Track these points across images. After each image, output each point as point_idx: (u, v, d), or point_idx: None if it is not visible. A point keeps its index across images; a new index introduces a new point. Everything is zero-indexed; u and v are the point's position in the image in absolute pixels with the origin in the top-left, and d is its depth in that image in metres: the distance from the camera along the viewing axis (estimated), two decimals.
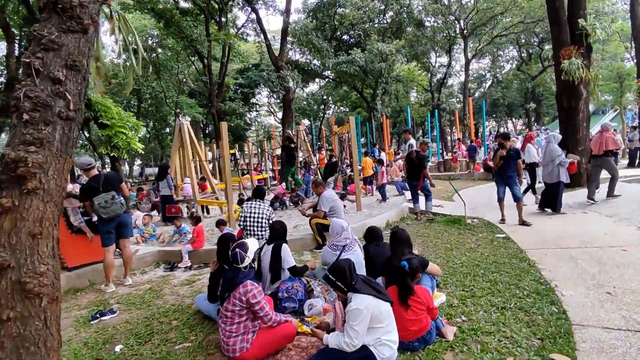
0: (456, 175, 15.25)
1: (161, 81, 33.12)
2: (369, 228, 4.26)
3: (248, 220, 5.45)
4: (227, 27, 22.76)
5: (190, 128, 9.05)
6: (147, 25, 29.55)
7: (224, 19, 23.35)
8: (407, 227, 6.90)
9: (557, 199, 7.07)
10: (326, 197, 5.75)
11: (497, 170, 6.88)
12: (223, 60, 26.61)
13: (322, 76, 26.42)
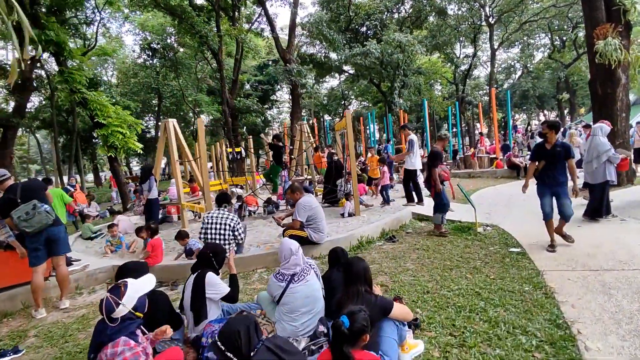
0: (477, 173, 14.01)
1: (179, 80, 33.13)
2: (332, 250, 3.40)
3: (209, 233, 4.70)
4: (241, 23, 22.16)
5: (177, 126, 8.39)
6: (164, 24, 29.44)
7: (237, 14, 22.80)
8: (406, 238, 5.96)
9: (603, 202, 5.91)
10: (303, 204, 4.91)
11: (538, 174, 4.96)
12: (237, 57, 26.16)
13: (339, 70, 25.40)
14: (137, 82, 35.05)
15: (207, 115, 41.48)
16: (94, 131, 15.18)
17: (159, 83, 33.47)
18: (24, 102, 19.08)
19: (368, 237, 5.67)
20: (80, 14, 25.36)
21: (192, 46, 29.07)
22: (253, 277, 4.68)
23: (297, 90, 16.76)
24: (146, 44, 32.15)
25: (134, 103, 32.28)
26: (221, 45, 20.81)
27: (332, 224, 6.92)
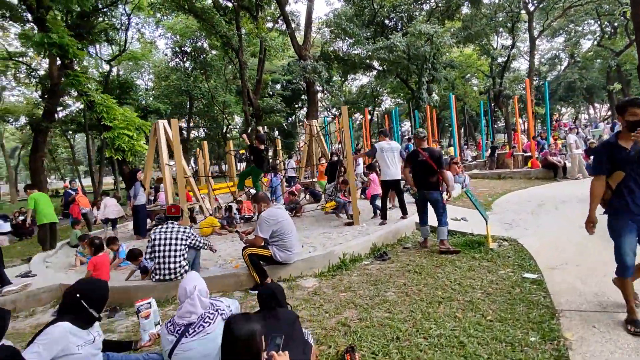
0: (508, 174, 12.61)
1: (209, 81, 33.44)
2: (261, 290, 2.61)
3: (157, 251, 4.07)
4: (262, 21, 21.72)
5: (167, 127, 7.92)
6: (190, 26, 29.70)
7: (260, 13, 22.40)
8: (400, 255, 5.04)
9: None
10: (265, 218, 4.15)
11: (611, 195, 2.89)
12: (260, 56, 25.84)
13: (363, 66, 24.38)
14: (168, 84, 35.80)
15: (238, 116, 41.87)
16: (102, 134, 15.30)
17: (188, 85, 33.92)
18: (53, 107, 19.68)
19: (353, 254, 4.82)
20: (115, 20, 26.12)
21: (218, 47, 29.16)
22: None
23: (313, 87, 15.99)
24: (177, 47, 32.58)
25: (163, 105, 32.94)
26: (241, 44, 20.49)
27: (322, 235, 6.14)
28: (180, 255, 4.12)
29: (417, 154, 5.30)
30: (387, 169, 6.53)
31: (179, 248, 4.08)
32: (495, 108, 34.98)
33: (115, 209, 7.63)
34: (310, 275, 4.44)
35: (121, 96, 30.09)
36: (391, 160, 6.50)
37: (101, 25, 22.94)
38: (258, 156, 7.18)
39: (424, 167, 5.20)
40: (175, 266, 4.05)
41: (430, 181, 5.20)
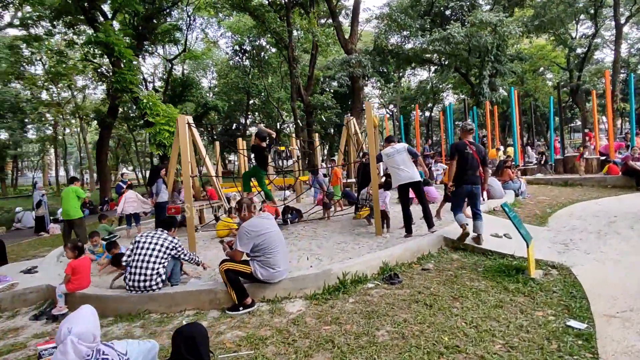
0: (578, 180, 10.86)
1: (265, 79, 33.96)
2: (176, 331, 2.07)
3: (136, 254, 3.74)
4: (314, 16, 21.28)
5: (192, 122, 7.72)
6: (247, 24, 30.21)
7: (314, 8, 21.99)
8: (415, 278, 4.22)
9: None
10: (246, 229, 3.60)
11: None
12: (312, 52, 25.48)
13: (419, 60, 22.95)
14: (227, 82, 36.97)
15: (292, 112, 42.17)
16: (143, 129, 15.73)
17: (245, 83, 34.70)
18: (117, 104, 21.02)
19: (356, 274, 4.10)
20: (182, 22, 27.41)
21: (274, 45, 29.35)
22: (171, 324, 3.54)
23: (358, 83, 15.17)
24: (237, 45, 33.37)
25: (221, 102, 34.04)
26: (291, 40, 20.24)
27: (337, 246, 5.50)
28: (160, 263, 3.74)
29: (464, 146, 5.09)
30: (398, 172, 5.72)
31: (160, 255, 3.71)
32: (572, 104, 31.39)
33: (134, 204, 7.60)
34: (300, 297, 3.82)
35: (183, 93, 31.62)
36: (401, 162, 5.71)
37: (164, 27, 24.07)
38: (259, 155, 6.68)
39: (473, 161, 5.06)
40: (152, 273, 3.68)
41: (477, 175, 5.15)
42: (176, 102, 32.44)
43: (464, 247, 5.08)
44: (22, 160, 49.07)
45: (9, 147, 36.48)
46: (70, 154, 50.40)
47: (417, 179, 5.66)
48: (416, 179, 5.65)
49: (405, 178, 5.67)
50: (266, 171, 7.04)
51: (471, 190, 5.12)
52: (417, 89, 43.30)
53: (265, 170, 7.01)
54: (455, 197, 5.27)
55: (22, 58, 26.00)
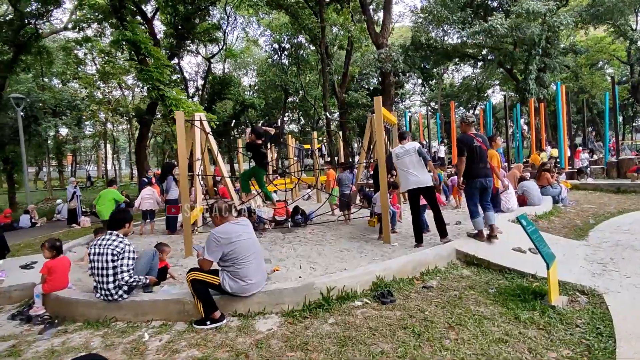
0: (631, 186, 9.60)
1: (302, 76, 33.90)
2: None
3: (92, 267, 3.53)
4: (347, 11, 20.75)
5: (204, 119, 7.58)
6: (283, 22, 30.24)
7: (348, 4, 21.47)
8: (412, 297, 3.69)
9: None
10: (215, 236, 3.27)
11: None
12: (347, 48, 24.94)
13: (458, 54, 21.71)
14: (264, 80, 37.31)
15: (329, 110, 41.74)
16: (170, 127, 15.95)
17: (282, 80, 34.83)
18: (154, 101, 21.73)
19: (344, 289, 3.65)
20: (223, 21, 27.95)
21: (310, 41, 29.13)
22: (133, 335, 3.28)
23: (388, 78, 14.46)
24: (275, 42, 33.50)
25: (258, 100, 34.39)
26: (323, 36, 19.85)
27: (339, 253, 5.08)
28: (116, 273, 3.44)
29: (471, 139, 4.92)
30: (407, 175, 5.19)
31: (112, 265, 3.44)
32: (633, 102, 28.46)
33: (150, 200, 7.57)
34: (276, 313, 3.44)
35: (222, 91, 32.28)
36: (410, 164, 5.18)
37: (203, 26, 24.56)
38: (256, 153, 6.32)
39: (482, 153, 4.92)
40: (115, 286, 3.43)
41: (489, 168, 5.08)
42: (215, 100, 33.21)
43: (479, 262, 4.45)
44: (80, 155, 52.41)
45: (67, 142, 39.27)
46: (124, 149, 53.24)
47: (427, 185, 5.09)
48: (426, 184, 5.09)
49: (413, 183, 5.14)
50: (266, 170, 6.70)
51: (484, 184, 4.96)
52: (460, 85, 41.43)
53: (265, 170, 6.66)
54: (470, 195, 5.00)
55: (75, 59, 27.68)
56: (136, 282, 3.54)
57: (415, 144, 5.26)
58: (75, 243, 6.81)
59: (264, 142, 6.36)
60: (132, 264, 3.50)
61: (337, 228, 7.00)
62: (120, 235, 3.60)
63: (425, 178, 5.08)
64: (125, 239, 3.59)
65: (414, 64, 28.76)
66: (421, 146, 5.26)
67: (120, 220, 3.65)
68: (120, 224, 3.62)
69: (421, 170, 5.10)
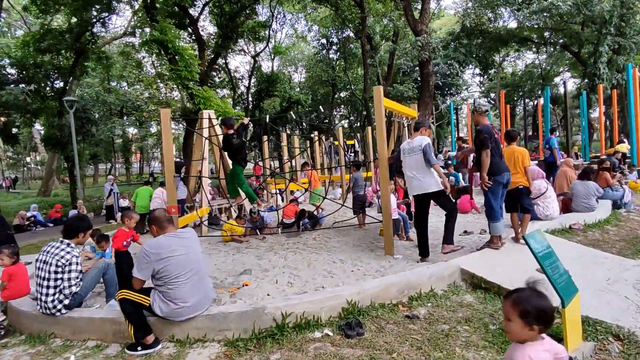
0: None
1: (350, 70, 33.21)
2: None
3: (37, 274, 3.27)
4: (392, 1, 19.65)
5: (213, 117, 7.31)
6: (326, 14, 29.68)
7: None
8: (387, 329, 3.00)
9: None
10: (146, 250, 2.84)
11: None
12: (393, 39, 23.80)
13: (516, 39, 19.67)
14: (310, 76, 37.09)
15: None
16: None
17: (329, 75, 34.38)
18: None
19: (304, 316, 3.06)
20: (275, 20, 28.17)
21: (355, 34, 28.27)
22: (61, 356, 2.97)
23: (427, 68, 13.28)
24: (323, 37, 33.12)
25: (305, 96, 34.26)
26: (365, 27, 18.99)
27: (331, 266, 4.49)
28: (57, 286, 3.15)
29: (491, 131, 4.37)
30: (410, 179, 4.47)
31: (54, 277, 3.15)
32: None
33: (158, 200, 7.48)
34: (218, 341, 2.95)
35: (268, 88, 32.60)
36: (413, 165, 4.41)
37: (248, 24, 24.80)
38: (229, 146, 5.79)
39: (500, 147, 4.48)
40: (54, 299, 3.15)
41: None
42: (263, 98, 33.62)
43: (488, 286, 3.60)
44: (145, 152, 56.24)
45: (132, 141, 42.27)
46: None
47: (430, 191, 4.29)
48: (429, 190, 4.28)
49: (416, 188, 4.39)
50: (243, 166, 6.16)
51: (509, 179, 4.47)
52: (523, 74, 38.03)
53: (242, 166, 6.13)
54: (496, 193, 4.40)
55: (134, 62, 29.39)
56: (81, 297, 3.24)
57: (423, 140, 4.40)
58: None
59: (237, 133, 5.83)
60: (76, 276, 3.21)
61: (347, 233, 6.36)
62: (71, 244, 3.32)
63: (428, 182, 4.28)
64: (75, 250, 3.30)
65: (469, 52, 26.79)
66: (429, 144, 4.39)
67: (73, 228, 3.37)
68: (73, 232, 3.33)
69: (425, 172, 4.31)
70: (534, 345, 1.60)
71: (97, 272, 3.44)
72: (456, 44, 21.33)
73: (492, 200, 4.42)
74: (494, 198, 4.41)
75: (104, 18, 18.49)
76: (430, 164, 4.25)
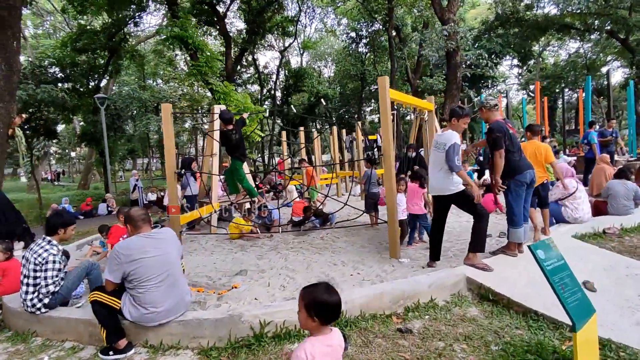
0: None
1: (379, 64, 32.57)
2: None
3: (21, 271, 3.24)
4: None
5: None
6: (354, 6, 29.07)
7: None
8: (372, 346, 2.71)
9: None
10: (117, 251, 2.70)
11: None
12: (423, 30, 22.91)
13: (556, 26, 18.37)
14: (339, 70, 36.63)
15: None
16: None
17: (358, 69, 33.86)
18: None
19: (284, 325, 2.83)
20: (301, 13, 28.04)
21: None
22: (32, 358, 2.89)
23: (455, 58, 12.56)
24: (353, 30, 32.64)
25: (332, 91, 33.92)
26: (391, 17, 18.36)
27: (331, 268, 4.24)
28: (36, 284, 3.08)
29: (504, 126, 3.93)
30: (430, 175, 4.05)
31: (33, 275, 3.09)
32: None
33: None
34: (192, 349, 2.78)
35: (296, 83, 32.53)
36: (433, 161, 3.96)
37: (275, 20, 24.75)
38: (227, 141, 5.57)
39: (518, 141, 4.06)
40: (33, 297, 3.10)
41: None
42: (291, 93, 33.59)
43: (496, 297, 3.22)
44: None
45: None
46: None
47: (447, 193, 3.84)
48: (446, 192, 3.85)
49: (432, 188, 4.00)
50: (242, 162, 5.94)
51: (533, 177, 4.03)
52: (565, 64, 35.73)
53: (242, 161, 5.90)
54: (517, 195, 3.97)
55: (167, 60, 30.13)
56: (62, 296, 3.18)
57: (451, 137, 3.77)
58: None
59: (235, 129, 5.62)
60: (56, 275, 3.14)
61: (357, 233, 6.07)
62: (52, 242, 3.26)
63: (443, 184, 3.84)
64: (54, 248, 3.23)
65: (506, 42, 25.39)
66: (455, 145, 3.70)
67: (51, 225, 3.30)
68: (52, 229, 3.27)
69: (445, 172, 3.81)
70: (317, 337, 1.71)
71: (79, 272, 3.36)
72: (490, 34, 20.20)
73: (512, 202, 3.97)
74: (515, 200, 3.97)
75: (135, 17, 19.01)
76: (452, 169, 3.73)
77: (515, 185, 3.95)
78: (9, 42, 6.78)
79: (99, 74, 19.34)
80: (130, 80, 31.02)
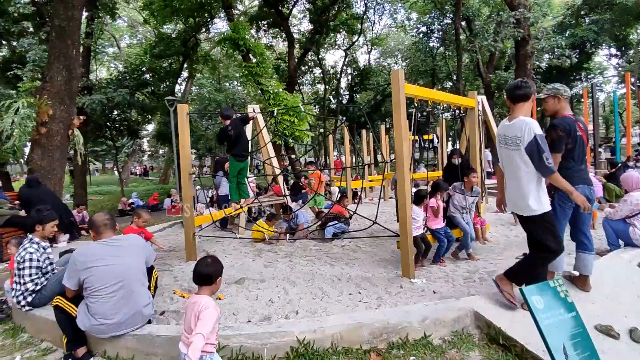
0: None
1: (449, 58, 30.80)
2: None
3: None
4: None
5: (258, 111, 7.11)
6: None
7: None
8: None
9: None
10: (75, 257, 2.62)
11: None
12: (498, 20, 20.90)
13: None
14: (408, 66, 35.25)
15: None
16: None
17: (427, 65, 32.38)
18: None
19: (239, 351, 2.53)
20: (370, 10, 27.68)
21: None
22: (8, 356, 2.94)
23: (525, 48, 11.03)
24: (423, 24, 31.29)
25: None
26: (458, 8, 16.95)
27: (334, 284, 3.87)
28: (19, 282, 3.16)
29: (573, 124, 3.06)
30: (505, 185, 3.16)
31: (17, 273, 3.16)
32: None
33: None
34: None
35: (362, 82, 32.05)
36: (504, 164, 3.03)
37: (340, 17, 24.58)
38: (225, 139, 5.22)
39: (584, 148, 3.17)
40: (17, 294, 3.17)
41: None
42: (355, 92, 33.15)
43: (507, 342, 2.56)
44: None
45: None
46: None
47: (525, 214, 2.87)
48: (521, 212, 2.91)
49: (508, 201, 3.12)
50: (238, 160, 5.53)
51: (587, 195, 3.03)
52: None
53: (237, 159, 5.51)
54: (563, 214, 3.10)
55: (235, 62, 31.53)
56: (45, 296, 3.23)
57: (528, 126, 2.70)
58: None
59: (233, 125, 5.29)
60: (35, 272, 3.19)
61: (383, 244, 5.54)
62: (34, 239, 3.32)
63: (517, 199, 2.90)
64: (33, 247, 3.25)
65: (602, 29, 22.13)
66: (538, 137, 2.66)
67: (30, 222, 3.39)
68: (31, 226, 3.35)
69: (522, 181, 2.82)
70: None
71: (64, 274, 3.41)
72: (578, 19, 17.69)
73: (549, 223, 2.85)
74: (558, 219, 3.02)
75: (207, 23, 20.17)
76: (543, 175, 2.75)
77: (560, 200, 3.12)
78: (69, 50, 7.41)
79: (174, 77, 20.83)
80: (206, 83, 33.10)
